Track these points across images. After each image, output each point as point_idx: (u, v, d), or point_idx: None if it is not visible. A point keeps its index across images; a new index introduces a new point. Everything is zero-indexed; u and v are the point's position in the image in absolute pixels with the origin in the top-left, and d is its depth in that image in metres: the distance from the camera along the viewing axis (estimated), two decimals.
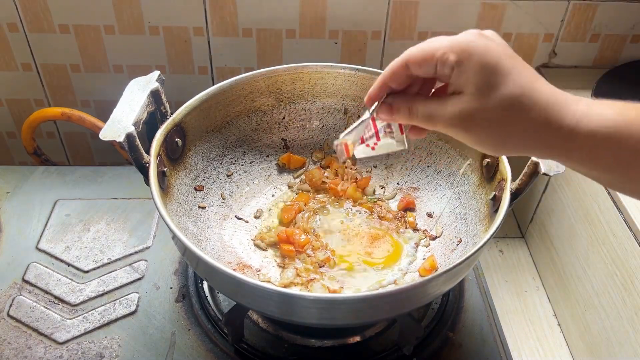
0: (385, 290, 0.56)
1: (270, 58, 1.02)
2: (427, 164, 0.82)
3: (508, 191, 0.63)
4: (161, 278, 0.78)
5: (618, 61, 1.04)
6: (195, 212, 0.74)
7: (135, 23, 0.97)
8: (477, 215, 0.71)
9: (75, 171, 0.94)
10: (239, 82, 0.78)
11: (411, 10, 0.96)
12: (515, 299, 1.00)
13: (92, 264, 0.80)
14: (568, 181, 0.93)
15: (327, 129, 0.86)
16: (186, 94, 1.07)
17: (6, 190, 0.90)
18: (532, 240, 1.08)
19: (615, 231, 0.80)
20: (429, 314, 0.75)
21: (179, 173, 0.73)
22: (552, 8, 0.97)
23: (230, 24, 0.97)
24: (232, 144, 0.81)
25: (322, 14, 0.97)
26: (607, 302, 0.82)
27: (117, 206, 0.88)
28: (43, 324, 0.72)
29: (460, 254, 0.70)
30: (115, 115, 0.64)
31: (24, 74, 1.02)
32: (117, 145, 0.61)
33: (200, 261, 0.56)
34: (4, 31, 0.97)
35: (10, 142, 1.12)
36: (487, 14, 0.97)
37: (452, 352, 0.71)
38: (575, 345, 0.92)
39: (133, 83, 0.69)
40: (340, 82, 0.83)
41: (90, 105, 1.07)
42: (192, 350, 0.70)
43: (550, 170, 0.61)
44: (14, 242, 0.82)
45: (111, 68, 1.02)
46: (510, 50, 0.46)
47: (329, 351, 0.71)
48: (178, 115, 0.71)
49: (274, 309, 0.59)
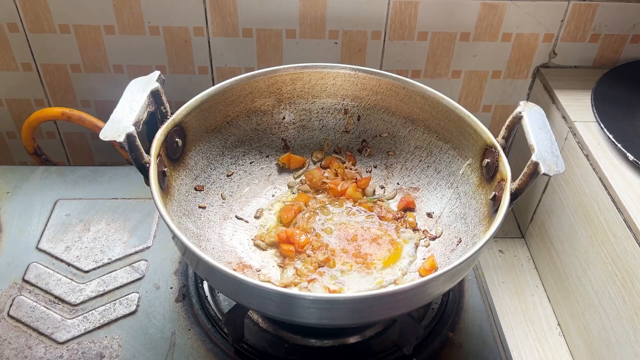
0: (385, 290, 0.56)
1: (270, 58, 1.02)
2: (427, 164, 0.82)
3: (508, 191, 0.63)
4: (161, 278, 0.78)
5: (618, 61, 1.04)
6: (195, 212, 0.74)
7: (135, 23, 0.97)
8: (477, 215, 0.71)
9: (75, 171, 0.94)
10: (239, 82, 0.78)
11: (411, 10, 0.96)
12: (515, 299, 1.00)
13: (92, 264, 0.80)
14: (568, 181, 0.93)
15: (327, 129, 0.86)
16: (186, 94, 1.07)
17: (6, 190, 0.90)
18: (532, 240, 1.08)
19: (615, 231, 0.80)
20: (429, 314, 0.75)
21: (179, 173, 0.73)
22: (552, 8, 0.97)
23: (230, 24, 0.97)
24: (232, 144, 0.81)
25: (322, 14, 0.97)
26: (607, 302, 0.82)
27: (117, 206, 0.89)
28: (43, 323, 0.72)
29: (460, 254, 0.70)
30: (115, 115, 0.64)
31: (24, 74, 1.02)
32: (117, 145, 0.61)
33: (200, 261, 0.56)
34: (4, 31, 0.97)
35: (10, 142, 1.12)
36: (487, 14, 0.97)
37: (452, 352, 0.71)
38: (575, 345, 0.92)
39: (133, 83, 0.69)
40: (340, 82, 0.83)
41: (91, 105, 1.07)
42: (192, 350, 0.70)
43: (550, 171, 0.60)
44: (14, 242, 0.83)
45: (111, 68, 1.02)
46: None
47: (328, 351, 0.71)
48: (178, 116, 0.71)
49: (274, 309, 0.59)
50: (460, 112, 0.74)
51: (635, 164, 0.83)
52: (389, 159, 0.85)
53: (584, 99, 0.97)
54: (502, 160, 0.67)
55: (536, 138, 0.64)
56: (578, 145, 0.91)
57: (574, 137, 0.92)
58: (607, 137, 0.87)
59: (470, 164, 0.75)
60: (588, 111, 0.94)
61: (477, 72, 1.05)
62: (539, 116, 0.68)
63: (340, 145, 0.87)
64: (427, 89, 0.78)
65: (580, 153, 0.89)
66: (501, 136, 0.70)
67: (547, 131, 0.65)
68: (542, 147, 0.63)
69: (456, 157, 0.78)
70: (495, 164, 0.68)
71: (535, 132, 0.65)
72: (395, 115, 0.83)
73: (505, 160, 0.67)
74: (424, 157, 0.82)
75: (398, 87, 0.80)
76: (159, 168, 0.65)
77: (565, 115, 0.95)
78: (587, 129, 0.91)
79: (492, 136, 0.70)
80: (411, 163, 0.83)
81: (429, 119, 0.80)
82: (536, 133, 0.65)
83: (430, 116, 0.79)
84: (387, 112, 0.83)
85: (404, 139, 0.83)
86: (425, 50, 1.02)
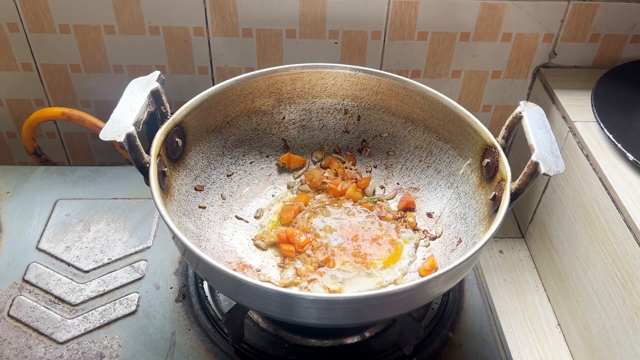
0: (385, 290, 0.56)
1: (271, 58, 1.02)
2: (427, 164, 0.82)
3: (508, 191, 0.63)
4: (161, 278, 0.78)
5: (618, 61, 1.04)
6: (195, 212, 0.74)
7: (135, 23, 0.97)
8: (477, 215, 0.71)
9: (75, 171, 0.94)
10: (239, 82, 0.78)
11: (411, 10, 0.96)
12: (515, 299, 1.00)
13: (93, 264, 0.80)
14: (568, 181, 0.93)
15: (327, 129, 0.86)
16: (186, 94, 1.07)
17: (6, 190, 0.90)
18: (532, 240, 1.08)
19: (615, 231, 0.80)
20: (429, 314, 0.75)
21: (179, 173, 0.73)
22: (552, 8, 0.97)
23: (230, 24, 0.97)
24: (232, 144, 0.81)
25: (322, 14, 0.97)
26: (607, 302, 0.82)
27: (117, 206, 0.89)
28: (43, 323, 0.72)
29: (460, 253, 0.70)
30: (115, 115, 0.64)
31: (24, 74, 1.02)
32: (117, 145, 0.61)
33: (200, 261, 0.56)
34: (4, 31, 0.97)
35: (11, 142, 1.12)
36: (487, 14, 0.97)
37: (452, 352, 0.71)
38: (575, 345, 0.92)
39: (133, 83, 0.69)
40: (340, 82, 0.83)
41: (91, 105, 1.07)
42: (193, 350, 0.70)
43: (550, 171, 0.60)
44: (14, 242, 0.83)
45: (111, 68, 1.02)
46: None
47: (329, 351, 0.71)
48: (178, 116, 0.71)
49: (274, 309, 0.59)
50: (460, 112, 0.74)
51: (635, 164, 0.83)
52: (389, 159, 0.85)
53: (584, 99, 0.97)
54: (502, 160, 0.67)
55: (536, 138, 0.64)
56: (578, 145, 0.91)
57: (574, 137, 0.92)
58: (607, 137, 0.87)
59: (470, 164, 0.75)
60: (588, 111, 0.94)
61: (477, 72, 1.05)
62: (539, 116, 0.68)
63: (340, 145, 0.87)
64: (427, 89, 0.78)
65: (580, 153, 0.89)
66: (501, 136, 0.70)
67: (547, 131, 0.65)
68: (542, 147, 0.63)
69: (456, 157, 0.78)
70: (496, 164, 0.68)
71: (535, 132, 0.65)
72: (395, 115, 0.83)
73: (506, 160, 0.67)
74: (424, 157, 0.82)
75: (398, 87, 0.80)
76: (159, 168, 0.65)
77: (565, 115, 0.95)
78: (587, 129, 0.91)
79: (492, 136, 0.70)
80: (411, 163, 0.83)
81: (429, 119, 0.80)
82: (536, 133, 0.65)
83: (430, 116, 0.79)
84: (387, 112, 0.83)
85: (404, 139, 0.83)
86: (426, 50, 1.02)
